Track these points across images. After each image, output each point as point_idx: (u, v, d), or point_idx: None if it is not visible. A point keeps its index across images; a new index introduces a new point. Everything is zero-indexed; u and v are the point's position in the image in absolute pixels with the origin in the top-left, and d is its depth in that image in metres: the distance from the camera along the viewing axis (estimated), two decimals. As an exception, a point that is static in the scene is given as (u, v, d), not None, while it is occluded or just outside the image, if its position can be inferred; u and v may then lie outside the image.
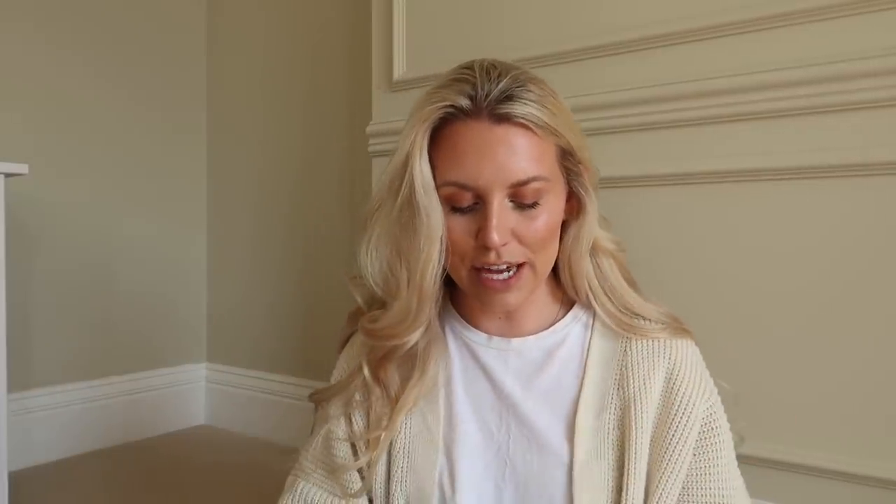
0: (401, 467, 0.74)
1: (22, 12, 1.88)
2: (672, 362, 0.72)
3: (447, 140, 0.67)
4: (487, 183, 0.65)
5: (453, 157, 0.67)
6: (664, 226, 1.21)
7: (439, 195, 0.67)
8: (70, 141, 1.98)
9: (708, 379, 0.74)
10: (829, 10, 1.05)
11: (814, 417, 1.08)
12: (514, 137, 0.66)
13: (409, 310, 0.70)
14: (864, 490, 1.04)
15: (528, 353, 0.75)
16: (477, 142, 0.66)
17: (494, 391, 0.75)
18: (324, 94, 2.03)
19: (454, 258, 0.69)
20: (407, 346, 0.73)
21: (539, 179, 0.66)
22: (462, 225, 0.68)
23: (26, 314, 1.86)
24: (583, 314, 0.77)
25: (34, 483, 1.74)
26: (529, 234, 0.67)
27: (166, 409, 2.19)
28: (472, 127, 0.66)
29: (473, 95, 0.66)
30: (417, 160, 0.67)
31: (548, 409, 0.73)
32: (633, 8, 1.23)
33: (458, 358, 0.77)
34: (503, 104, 0.66)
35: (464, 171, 0.66)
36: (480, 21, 1.43)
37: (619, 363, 0.73)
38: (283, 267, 2.13)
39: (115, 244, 2.09)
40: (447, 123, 0.67)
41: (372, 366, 0.75)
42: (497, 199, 0.65)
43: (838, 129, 1.05)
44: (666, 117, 1.19)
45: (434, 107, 0.67)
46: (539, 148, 0.67)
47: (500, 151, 0.65)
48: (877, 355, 1.03)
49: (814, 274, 1.08)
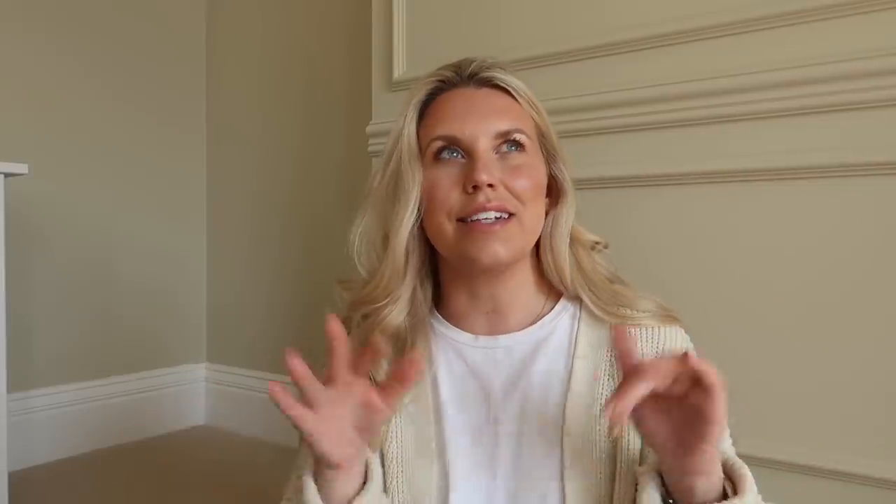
0: (395, 476, 0.73)
1: (22, 13, 1.88)
2: (659, 349, 0.72)
3: (435, 108, 0.72)
4: (473, 132, 0.69)
5: (440, 117, 0.71)
6: (664, 225, 1.21)
7: (426, 154, 0.71)
8: (70, 141, 1.98)
9: None
10: (829, 10, 1.05)
11: (814, 417, 1.08)
12: (497, 98, 0.72)
13: (386, 270, 0.72)
14: (864, 490, 1.03)
15: (516, 349, 0.74)
16: (462, 101, 0.71)
17: (482, 391, 0.74)
18: (323, 93, 2.03)
19: (438, 215, 0.69)
20: (390, 320, 0.72)
21: (521, 132, 0.71)
22: (447, 177, 0.69)
23: (26, 314, 1.86)
24: (570, 305, 0.76)
25: (34, 483, 1.74)
26: (517, 184, 0.69)
27: (166, 409, 2.19)
28: (458, 93, 0.72)
29: (458, 70, 0.73)
30: (405, 130, 0.72)
31: (538, 403, 0.73)
32: (632, 8, 1.23)
33: (444, 361, 0.76)
34: (486, 72, 0.72)
35: (449, 125, 0.70)
36: (480, 21, 1.43)
37: (608, 351, 0.72)
38: (283, 267, 2.13)
39: (114, 244, 2.09)
40: (435, 97, 0.73)
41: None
42: (483, 146, 0.69)
43: (838, 130, 1.05)
44: (666, 117, 1.19)
45: (423, 83, 0.74)
46: (521, 112, 0.72)
47: (483, 106, 0.71)
48: (877, 355, 1.03)
49: (813, 273, 1.08)
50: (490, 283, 0.73)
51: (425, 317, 0.76)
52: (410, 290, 0.74)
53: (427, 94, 0.73)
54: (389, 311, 0.72)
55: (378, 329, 0.73)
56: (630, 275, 0.82)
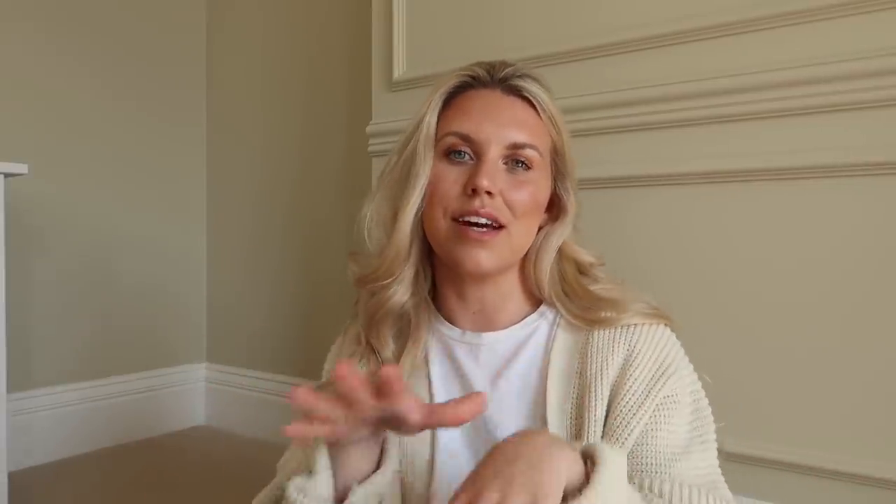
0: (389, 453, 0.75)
1: (22, 13, 1.88)
2: (631, 346, 0.71)
3: (459, 102, 0.73)
4: (487, 137, 0.70)
5: (460, 113, 0.72)
6: (664, 226, 1.21)
7: (439, 146, 0.72)
8: (70, 141, 1.98)
9: (676, 362, 0.72)
10: (829, 10, 1.05)
11: (814, 417, 1.08)
12: (520, 109, 0.72)
13: (391, 250, 0.74)
14: (864, 490, 1.04)
15: (498, 348, 0.75)
16: (485, 104, 0.72)
17: (465, 387, 0.75)
18: (323, 93, 2.03)
19: (436, 209, 0.71)
20: (395, 298, 0.75)
21: (535, 149, 0.71)
22: (452, 174, 0.71)
23: (26, 314, 1.86)
24: (549, 312, 0.77)
25: (34, 483, 1.74)
26: (516, 198, 0.70)
27: (166, 409, 2.19)
28: (484, 93, 0.73)
29: (490, 70, 0.74)
30: (427, 118, 0.73)
31: (515, 403, 0.74)
32: (632, 8, 1.23)
33: (437, 353, 0.78)
34: (517, 79, 0.73)
35: (466, 124, 0.71)
36: (480, 21, 1.43)
37: (581, 353, 0.73)
38: (283, 267, 2.13)
39: (114, 244, 2.09)
40: (462, 91, 0.74)
41: (367, 330, 0.77)
42: (492, 153, 0.70)
43: (838, 130, 1.05)
44: (666, 117, 1.19)
45: (453, 75, 0.74)
46: (540, 128, 0.73)
47: (504, 114, 0.71)
48: (876, 355, 1.03)
49: (812, 273, 1.08)
50: (477, 286, 0.75)
51: (426, 300, 0.78)
52: (413, 271, 0.76)
53: (455, 86, 0.74)
54: (395, 290, 0.75)
55: (385, 308, 0.75)
56: (630, 275, 0.82)
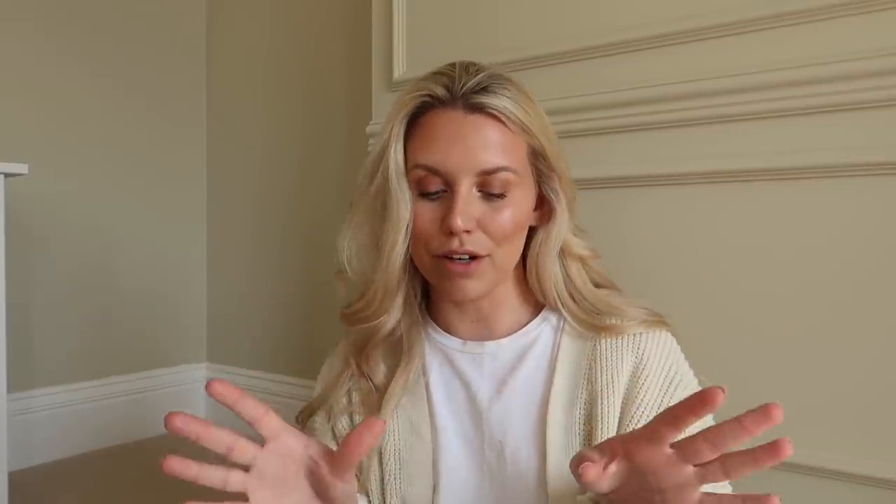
0: (393, 473, 0.74)
1: (22, 12, 1.88)
2: (639, 355, 0.71)
3: (422, 127, 0.69)
4: (455, 167, 0.66)
5: (425, 142, 0.68)
6: (664, 226, 1.21)
7: (409, 179, 0.69)
8: (70, 141, 1.98)
9: (682, 370, 0.73)
10: (829, 10, 1.05)
11: (813, 417, 1.08)
12: (485, 127, 0.67)
13: (378, 292, 0.72)
14: (864, 490, 1.03)
15: (501, 355, 0.75)
16: (449, 128, 0.67)
17: (469, 397, 0.75)
18: (323, 93, 2.03)
19: (418, 246, 0.70)
20: (386, 327, 0.74)
21: (507, 170, 0.67)
22: (429, 212, 0.69)
23: (26, 314, 1.86)
24: (552, 317, 0.76)
25: (34, 483, 1.74)
26: (494, 225, 0.68)
27: (166, 409, 2.18)
28: (446, 115, 0.68)
29: (450, 86, 0.68)
30: (392, 147, 0.69)
31: (520, 411, 0.73)
32: (632, 8, 1.23)
33: (436, 364, 0.77)
34: (478, 95, 0.67)
35: (433, 155, 0.67)
36: (480, 21, 1.43)
37: (588, 360, 0.72)
38: (283, 267, 2.13)
39: (114, 244, 2.09)
40: (424, 112, 0.69)
41: (357, 357, 0.76)
42: (464, 186, 0.67)
43: (839, 130, 1.05)
44: (666, 117, 1.19)
45: (412, 96, 0.69)
46: (510, 142, 0.69)
47: (470, 138, 0.67)
48: (877, 355, 1.03)
49: (814, 274, 1.08)
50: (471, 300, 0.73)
51: (419, 318, 0.78)
52: (403, 296, 0.74)
53: (415, 107, 0.70)
54: (384, 321, 0.74)
55: (375, 339, 0.74)
56: (630, 276, 0.82)
